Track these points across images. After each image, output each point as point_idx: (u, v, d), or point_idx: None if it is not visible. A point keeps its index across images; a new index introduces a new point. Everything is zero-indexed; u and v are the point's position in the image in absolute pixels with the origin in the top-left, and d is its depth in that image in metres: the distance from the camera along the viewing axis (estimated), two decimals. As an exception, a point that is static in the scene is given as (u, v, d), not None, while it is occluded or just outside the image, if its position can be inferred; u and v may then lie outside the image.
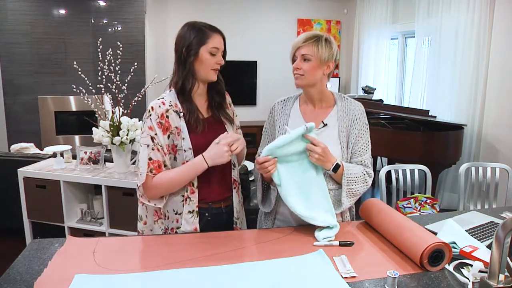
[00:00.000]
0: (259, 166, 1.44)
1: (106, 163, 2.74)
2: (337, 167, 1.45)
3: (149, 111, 1.44)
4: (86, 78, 2.53)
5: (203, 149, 1.46)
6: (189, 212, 1.49)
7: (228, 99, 1.65)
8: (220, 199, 1.57)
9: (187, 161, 1.46)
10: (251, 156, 1.77)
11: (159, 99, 1.47)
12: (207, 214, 1.54)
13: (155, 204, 1.48)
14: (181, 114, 1.46)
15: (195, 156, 1.46)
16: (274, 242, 1.40)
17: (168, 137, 1.46)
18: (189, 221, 1.49)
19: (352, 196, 1.52)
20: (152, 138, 1.42)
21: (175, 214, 1.50)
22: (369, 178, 1.54)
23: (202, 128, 1.48)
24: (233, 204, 1.61)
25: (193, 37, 1.44)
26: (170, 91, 1.51)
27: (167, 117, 1.44)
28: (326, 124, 1.55)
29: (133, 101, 2.46)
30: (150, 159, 1.43)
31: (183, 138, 1.45)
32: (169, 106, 1.46)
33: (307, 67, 1.48)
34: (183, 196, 1.49)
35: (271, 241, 1.41)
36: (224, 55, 1.52)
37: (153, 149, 1.42)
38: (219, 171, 1.54)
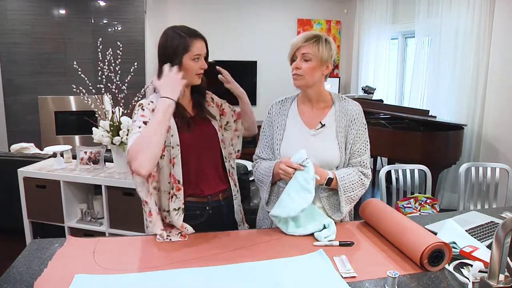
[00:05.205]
0: (283, 167, 1.44)
1: (106, 163, 2.74)
2: (329, 181, 1.47)
3: (139, 105, 1.46)
4: (86, 78, 2.53)
5: (191, 146, 1.50)
6: (174, 209, 1.47)
7: (209, 96, 1.67)
8: (217, 192, 1.59)
9: (173, 158, 1.46)
10: (250, 156, 1.77)
11: (147, 99, 1.50)
12: (207, 207, 1.56)
13: (144, 200, 1.43)
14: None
15: (182, 153, 1.47)
16: (274, 242, 1.40)
17: None
18: (174, 218, 1.46)
19: (351, 202, 1.53)
20: (146, 123, 1.40)
21: (166, 211, 1.50)
22: (366, 180, 1.54)
23: (193, 126, 1.51)
24: (232, 195, 1.65)
25: (175, 45, 1.44)
26: (156, 93, 1.50)
27: None
28: (324, 125, 1.55)
29: (133, 101, 2.46)
30: None
31: (171, 135, 1.46)
32: None
33: (306, 67, 1.48)
34: (169, 193, 1.48)
35: (271, 241, 1.41)
36: (206, 59, 1.53)
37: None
38: (211, 163, 1.58)
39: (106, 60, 2.45)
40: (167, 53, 1.46)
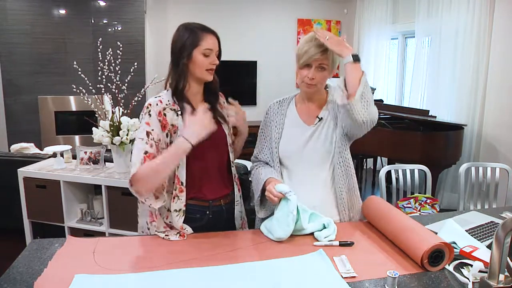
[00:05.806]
0: (268, 194, 1.44)
1: (106, 163, 2.73)
2: (356, 58, 1.41)
3: (147, 107, 1.45)
4: (86, 78, 2.53)
5: (199, 148, 1.46)
6: (175, 210, 1.47)
7: (222, 99, 1.66)
8: (219, 197, 1.57)
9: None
10: (250, 156, 1.77)
11: (156, 97, 1.48)
12: (208, 212, 1.55)
13: (150, 205, 1.44)
14: (179, 113, 1.47)
15: (188, 154, 1.45)
16: (274, 242, 1.40)
17: (167, 135, 1.46)
18: (174, 219, 1.46)
19: (367, 102, 1.45)
20: (148, 133, 1.41)
21: (167, 210, 1.50)
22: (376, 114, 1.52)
23: None
24: (234, 200, 1.63)
25: (186, 39, 1.44)
26: (167, 90, 1.51)
27: (165, 115, 1.45)
28: (321, 118, 1.58)
29: (133, 101, 2.46)
30: (146, 152, 1.39)
31: (179, 136, 1.45)
32: (166, 104, 1.47)
33: (321, 77, 1.50)
34: (172, 194, 1.48)
35: (271, 241, 1.41)
36: (219, 55, 1.52)
37: (147, 143, 1.41)
38: (217, 166, 1.57)
39: (106, 60, 2.45)
40: (177, 48, 1.46)
